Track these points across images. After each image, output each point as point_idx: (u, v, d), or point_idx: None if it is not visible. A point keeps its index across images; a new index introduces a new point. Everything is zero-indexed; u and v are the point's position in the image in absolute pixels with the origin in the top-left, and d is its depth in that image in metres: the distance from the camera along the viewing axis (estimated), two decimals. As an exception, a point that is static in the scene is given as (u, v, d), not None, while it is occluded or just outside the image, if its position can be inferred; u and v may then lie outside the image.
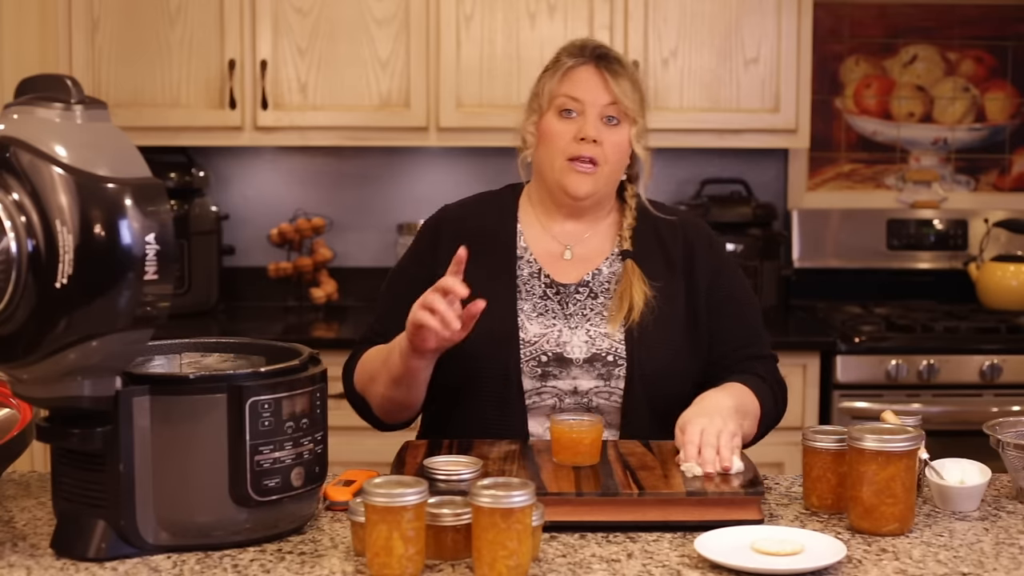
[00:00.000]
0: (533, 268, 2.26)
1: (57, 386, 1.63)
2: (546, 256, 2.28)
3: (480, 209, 2.33)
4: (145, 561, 1.69)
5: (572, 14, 3.81)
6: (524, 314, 2.21)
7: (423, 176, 4.21)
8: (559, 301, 2.24)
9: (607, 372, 2.18)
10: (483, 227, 2.29)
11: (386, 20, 3.80)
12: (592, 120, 2.20)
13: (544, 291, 2.24)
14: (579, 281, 2.25)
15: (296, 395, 1.74)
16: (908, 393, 3.64)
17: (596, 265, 2.27)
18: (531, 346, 2.18)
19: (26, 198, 1.57)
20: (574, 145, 2.20)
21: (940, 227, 4.25)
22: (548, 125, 2.23)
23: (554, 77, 2.24)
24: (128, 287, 1.57)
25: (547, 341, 2.19)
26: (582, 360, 2.18)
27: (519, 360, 2.17)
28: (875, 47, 4.27)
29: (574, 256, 2.28)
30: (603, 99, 2.21)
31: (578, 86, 2.22)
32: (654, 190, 2.42)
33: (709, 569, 1.67)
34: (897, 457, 1.80)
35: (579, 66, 2.23)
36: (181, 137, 3.85)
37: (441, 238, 2.28)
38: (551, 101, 2.23)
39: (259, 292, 4.18)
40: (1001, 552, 1.76)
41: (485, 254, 2.24)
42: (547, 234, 2.29)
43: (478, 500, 1.61)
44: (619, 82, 2.21)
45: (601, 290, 2.25)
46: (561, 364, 2.18)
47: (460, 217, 2.32)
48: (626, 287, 2.22)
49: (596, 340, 2.19)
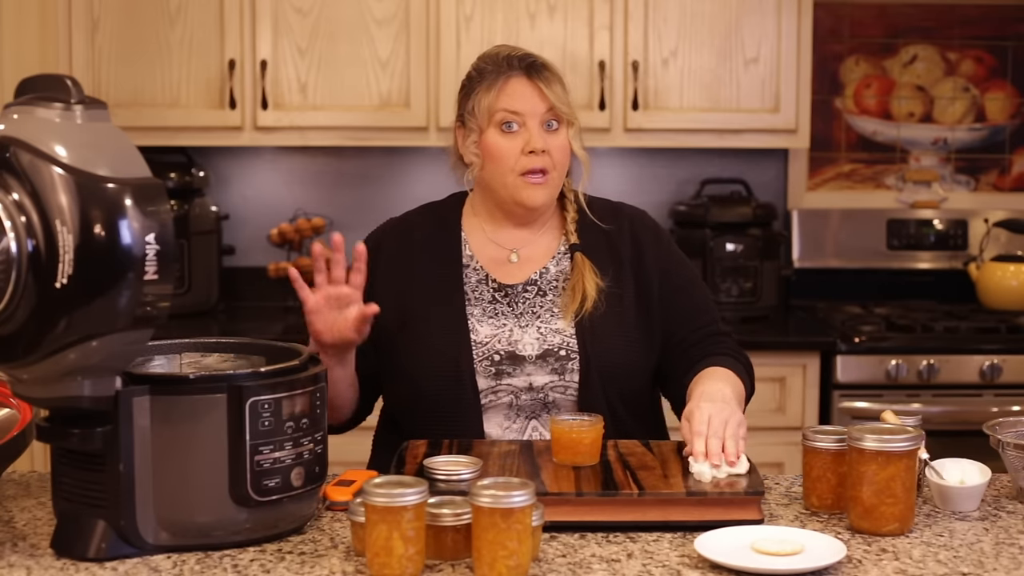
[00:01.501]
0: (480, 275, 2.27)
1: (57, 386, 1.63)
2: (491, 262, 2.29)
3: (423, 220, 2.35)
4: (145, 561, 1.69)
5: (572, 14, 3.81)
6: (474, 318, 2.23)
7: (423, 176, 4.21)
8: (508, 303, 2.25)
9: (560, 367, 2.19)
10: (426, 238, 2.30)
11: (386, 20, 3.80)
12: (535, 131, 2.20)
13: (492, 295, 2.25)
14: (526, 280, 2.26)
15: (296, 395, 1.74)
16: (908, 393, 3.64)
17: (543, 264, 2.28)
18: (483, 346, 2.20)
19: (26, 198, 1.57)
20: (524, 159, 2.20)
21: (940, 227, 4.25)
22: (492, 142, 2.22)
23: (489, 93, 2.22)
24: (128, 287, 1.57)
25: (498, 340, 2.21)
26: (535, 356, 2.20)
27: (472, 360, 2.19)
28: (875, 47, 4.27)
29: (520, 259, 2.29)
30: (541, 108, 2.21)
31: (514, 99, 2.21)
32: (655, 190, 2.43)
33: (709, 569, 1.67)
34: (897, 457, 1.80)
35: (511, 78, 2.22)
36: (181, 137, 3.85)
37: (380, 253, 2.28)
38: (490, 118, 2.22)
39: (259, 292, 4.17)
40: (1001, 552, 1.76)
41: (430, 264, 2.27)
42: (492, 242, 2.30)
43: (478, 500, 1.61)
44: (552, 88, 2.22)
45: (549, 288, 2.26)
46: (514, 362, 2.19)
47: (403, 230, 2.33)
48: (578, 279, 2.23)
49: (547, 336, 2.21)
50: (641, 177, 4.20)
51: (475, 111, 2.24)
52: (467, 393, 2.18)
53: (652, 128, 3.85)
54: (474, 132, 2.25)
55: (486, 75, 2.25)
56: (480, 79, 2.25)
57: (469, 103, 2.26)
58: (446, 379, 2.18)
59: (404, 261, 2.28)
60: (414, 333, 2.22)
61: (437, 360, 2.19)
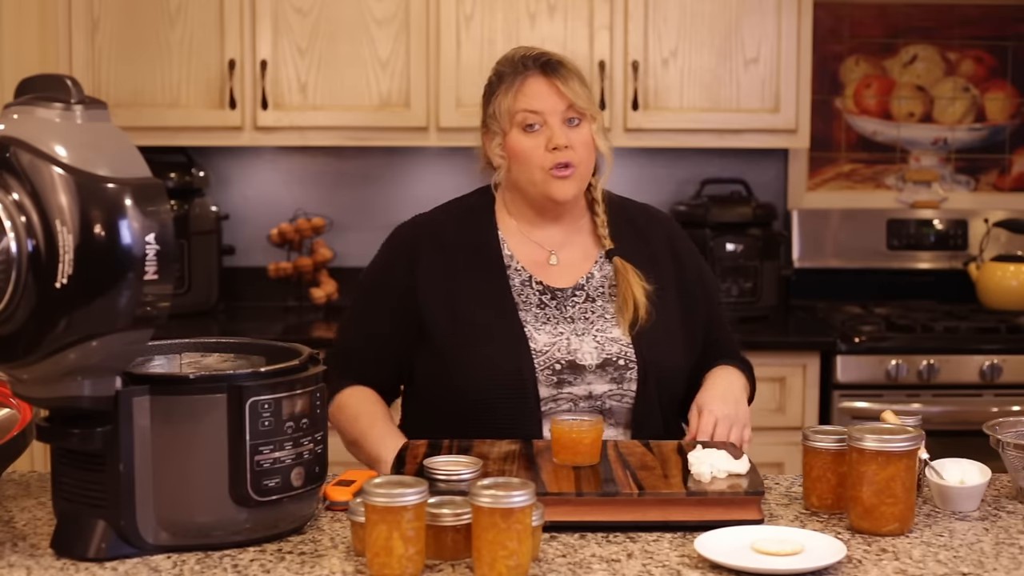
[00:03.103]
0: (523, 276, 2.26)
1: (57, 386, 1.63)
2: (532, 263, 2.28)
3: (457, 219, 2.33)
4: (145, 561, 1.69)
5: (572, 14, 3.81)
6: (529, 325, 2.22)
7: (423, 176, 4.21)
8: (556, 306, 2.25)
9: (619, 376, 2.21)
10: (464, 239, 2.29)
11: (386, 20, 3.80)
12: (557, 127, 2.21)
13: (540, 298, 2.25)
14: (574, 285, 2.27)
15: (296, 395, 1.74)
16: (908, 393, 3.64)
17: (587, 270, 2.29)
18: (543, 355, 2.20)
19: (26, 198, 1.57)
20: (549, 156, 2.21)
21: (940, 227, 4.25)
22: (516, 143, 2.23)
23: (507, 95, 2.24)
24: (128, 287, 1.57)
25: (558, 349, 2.21)
26: (595, 366, 2.20)
27: (534, 370, 2.18)
28: (875, 47, 4.27)
29: (560, 262, 2.29)
30: (560, 105, 2.22)
31: (533, 99, 2.22)
32: (655, 190, 2.44)
33: (709, 569, 1.67)
34: (897, 457, 1.80)
35: (528, 78, 2.23)
36: (181, 137, 3.85)
37: (420, 251, 2.27)
38: (511, 119, 2.23)
39: (259, 292, 4.17)
40: (1001, 552, 1.76)
41: (472, 266, 2.26)
42: (529, 240, 2.30)
43: (478, 500, 1.61)
44: (569, 85, 2.23)
45: (597, 294, 2.27)
46: (575, 371, 2.20)
47: (436, 229, 2.31)
48: (626, 287, 2.24)
49: (605, 345, 2.22)
50: (641, 177, 4.19)
51: (496, 114, 2.26)
52: (529, 403, 2.18)
53: (652, 128, 3.85)
54: (498, 135, 2.26)
55: (504, 78, 2.26)
56: (499, 82, 2.26)
57: (490, 107, 2.27)
58: (508, 389, 2.17)
59: (446, 263, 2.26)
60: (468, 341, 2.20)
61: (498, 371, 2.17)
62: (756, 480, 1.87)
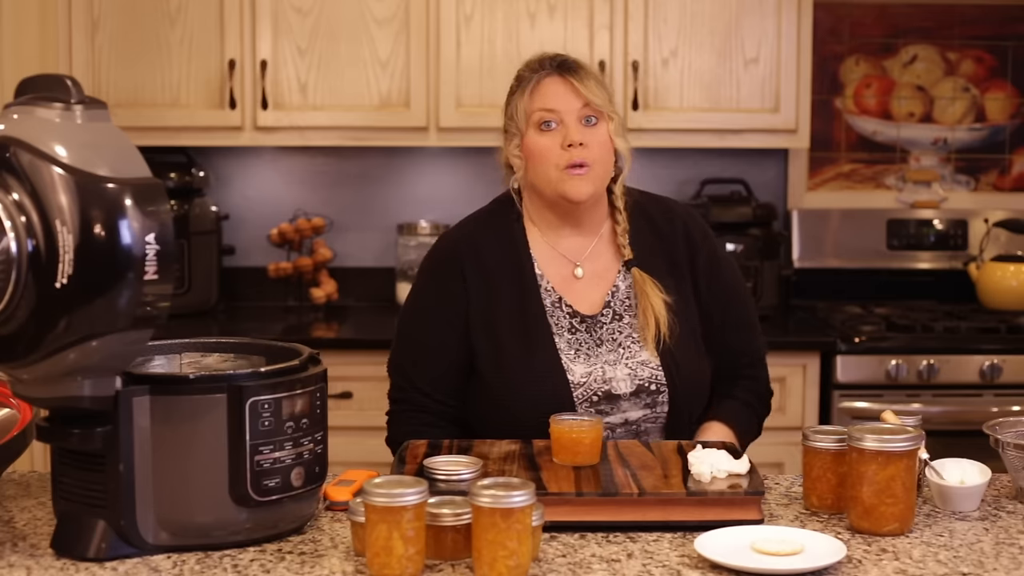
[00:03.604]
0: (553, 297, 2.26)
1: (57, 386, 1.63)
2: (560, 280, 2.28)
3: (490, 237, 2.31)
4: (145, 561, 1.69)
5: (572, 14, 3.81)
6: (564, 354, 2.22)
7: (423, 176, 4.21)
8: (586, 330, 2.25)
9: (652, 400, 2.22)
10: (501, 256, 2.28)
11: (386, 20, 3.80)
12: (572, 125, 2.22)
13: (570, 323, 2.25)
14: (602, 306, 2.27)
15: (296, 395, 1.74)
16: (908, 393, 3.63)
17: (611, 282, 2.28)
18: (581, 387, 2.21)
19: (26, 198, 1.57)
20: (564, 154, 2.21)
21: (940, 227, 4.25)
22: (532, 142, 2.24)
23: (524, 96, 2.25)
24: (128, 287, 1.57)
25: (594, 380, 2.21)
26: (629, 394, 2.21)
27: (574, 404, 2.19)
28: (875, 47, 4.27)
29: (585, 273, 2.29)
30: (576, 104, 2.23)
31: (549, 98, 2.23)
32: (655, 190, 2.43)
33: (709, 569, 1.67)
34: (897, 457, 1.80)
35: (544, 79, 2.25)
36: (181, 137, 3.84)
37: (466, 273, 2.27)
38: (528, 119, 2.24)
39: (259, 292, 4.17)
40: (1001, 552, 1.76)
41: (510, 290, 2.26)
42: (555, 252, 2.30)
43: (478, 500, 1.61)
44: (586, 84, 2.23)
45: (624, 309, 2.27)
46: (610, 401, 2.21)
47: (473, 247, 2.29)
48: (646, 304, 2.25)
49: (637, 371, 2.22)
50: (641, 177, 4.14)
51: (514, 116, 2.27)
52: None
53: (652, 128, 3.85)
54: (516, 136, 2.27)
55: (523, 81, 2.28)
56: (517, 85, 2.29)
57: (508, 109, 2.29)
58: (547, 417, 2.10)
59: (488, 284, 2.26)
60: (509, 370, 2.20)
61: (537, 402, 2.15)
62: (756, 480, 1.87)
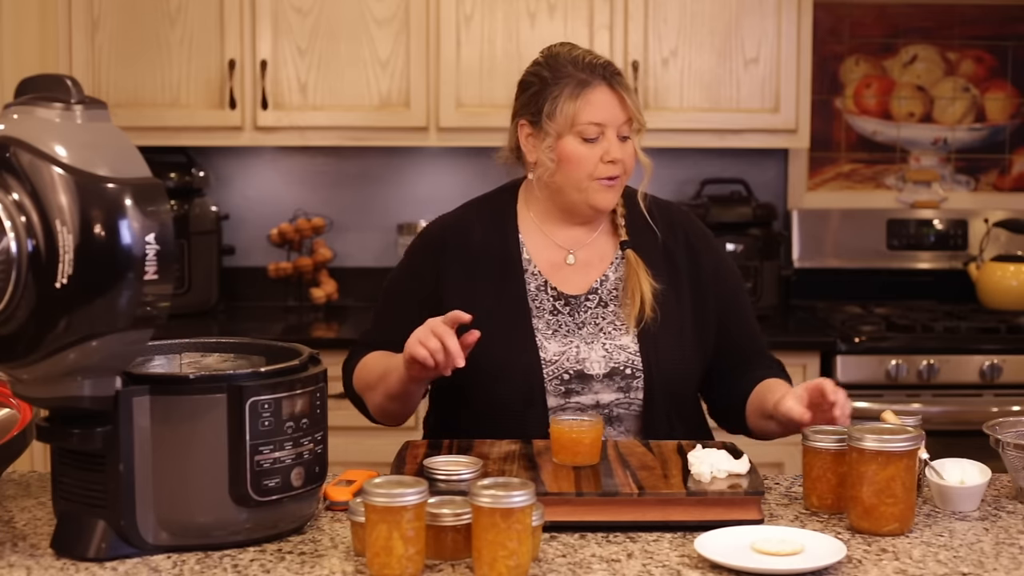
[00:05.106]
0: (539, 281, 2.26)
1: (57, 386, 1.63)
2: (549, 266, 2.28)
3: (479, 219, 2.32)
4: (145, 561, 1.69)
5: (572, 14, 3.81)
6: (540, 333, 2.22)
7: (423, 176, 4.21)
8: (569, 312, 2.24)
9: (626, 384, 2.21)
10: (487, 240, 2.28)
11: (386, 20, 3.80)
12: (614, 141, 2.21)
13: (553, 305, 2.25)
14: (588, 290, 2.26)
15: (296, 395, 1.74)
16: (908, 393, 3.63)
17: (602, 271, 2.28)
18: (552, 365, 2.20)
19: (26, 198, 1.57)
20: (602, 167, 2.21)
21: (940, 227, 4.25)
22: (572, 149, 2.21)
23: (571, 100, 2.20)
24: (128, 287, 1.57)
25: (567, 359, 2.21)
26: (602, 375, 2.20)
27: (543, 380, 2.19)
28: (875, 47, 4.27)
29: (577, 261, 2.29)
30: (621, 118, 2.22)
31: (599, 110, 2.20)
32: (655, 190, 2.42)
33: (709, 569, 1.67)
34: (897, 457, 1.80)
35: (595, 87, 2.21)
36: (181, 137, 3.84)
37: (445, 250, 2.28)
38: (571, 126, 2.20)
39: (259, 292, 4.17)
40: (1001, 552, 1.76)
41: (492, 271, 2.26)
42: (549, 240, 2.30)
43: (478, 500, 1.61)
44: (632, 97, 2.24)
45: (610, 298, 2.26)
46: (582, 380, 2.20)
47: (461, 229, 2.30)
48: (634, 281, 2.24)
49: (613, 354, 2.21)
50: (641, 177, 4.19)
51: (555, 116, 2.21)
52: (537, 412, 2.18)
53: (652, 128, 3.79)
54: (550, 136, 2.22)
55: (565, 79, 2.21)
56: (556, 82, 2.22)
57: (548, 106, 2.22)
58: (516, 396, 2.18)
59: (468, 266, 2.27)
60: (481, 349, 2.16)
61: (507, 379, 2.18)
62: (756, 480, 1.87)
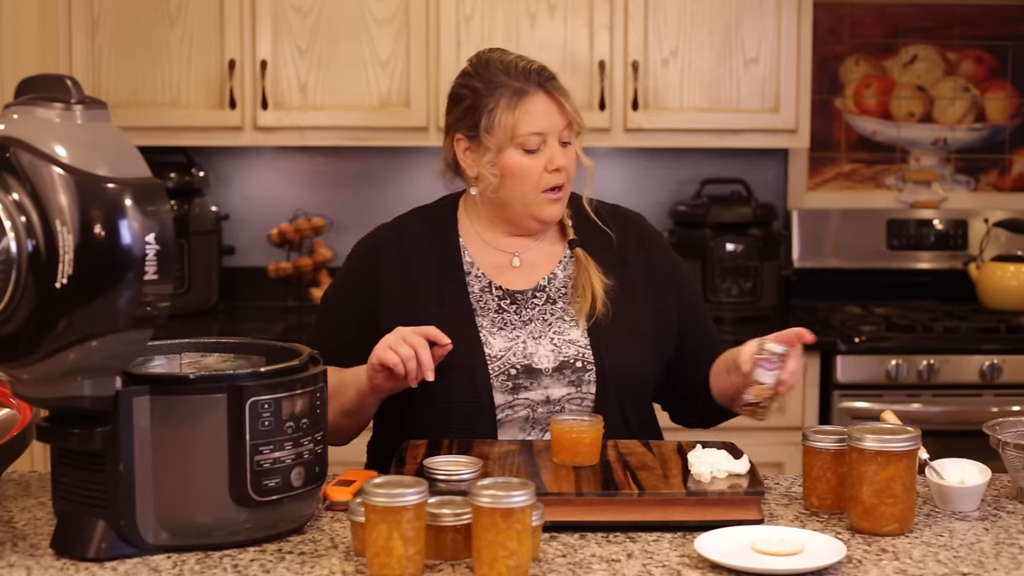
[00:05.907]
0: (483, 282, 2.22)
1: (57, 386, 1.64)
2: (493, 268, 2.24)
3: (417, 226, 2.29)
4: (145, 561, 1.69)
5: (572, 14, 3.81)
6: (485, 330, 2.18)
7: (423, 176, 4.18)
8: (515, 311, 2.21)
9: (577, 378, 2.17)
10: (423, 246, 2.25)
11: (386, 20, 3.80)
12: (556, 148, 2.17)
13: (498, 303, 2.21)
14: (535, 287, 2.23)
15: (296, 395, 1.74)
16: (908, 393, 3.63)
17: (549, 270, 2.25)
18: (498, 360, 2.16)
19: (26, 198, 1.57)
20: (547, 177, 2.17)
21: (940, 227, 4.25)
22: (514, 163, 2.16)
23: (509, 112, 2.14)
24: (128, 287, 1.57)
25: (513, 354, 2.17)
26: (551, 369, 2.16)
27: (488, 376, 2.15)
28: (875, 47, 4.27)
29: (523, 263, 2.25)
30: (561, 124, 2.17)
31: (538, 119, 2.15)
32: (655, 190, 2.43)
33: (709, 569, 1.67)
34: (897, 457, 1.80)
35: (531, 96, 2.15)
36: (181, 137, 3.84)
37: (379, 263, 2.24)
38: (512, 139, 2.15)
39: (259, 292, 4.17)
40: (1001, 552, 1.76)
41: (431, 273, 2.22)
42: (491, 246, 2.26)
43: (478, 500, 1.61)
44: (569, 101, 2.18)
45: (559, 295, 2.23)
46: (531, 375, 2.16)
47: (396, 238, 2.27)
48: (585, 278, 2.20)
49: (562, 347, 2.18)
50: (641, 177, 4.20)
51: (494, 129, 2.15)
52: (484, 409, 2.14)
53: (652, 128, 3.85)
54: (490, 151, 2.17)
55: (499, 88, 2.16)
56: (491, 92, 2.16)
57: (484, 119, 2.16)
58: (462, 395, 2.13)
59: (404, 270, 2.23)
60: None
61: (451, 377, 2.12)
62: (756, 480, 1.87)
